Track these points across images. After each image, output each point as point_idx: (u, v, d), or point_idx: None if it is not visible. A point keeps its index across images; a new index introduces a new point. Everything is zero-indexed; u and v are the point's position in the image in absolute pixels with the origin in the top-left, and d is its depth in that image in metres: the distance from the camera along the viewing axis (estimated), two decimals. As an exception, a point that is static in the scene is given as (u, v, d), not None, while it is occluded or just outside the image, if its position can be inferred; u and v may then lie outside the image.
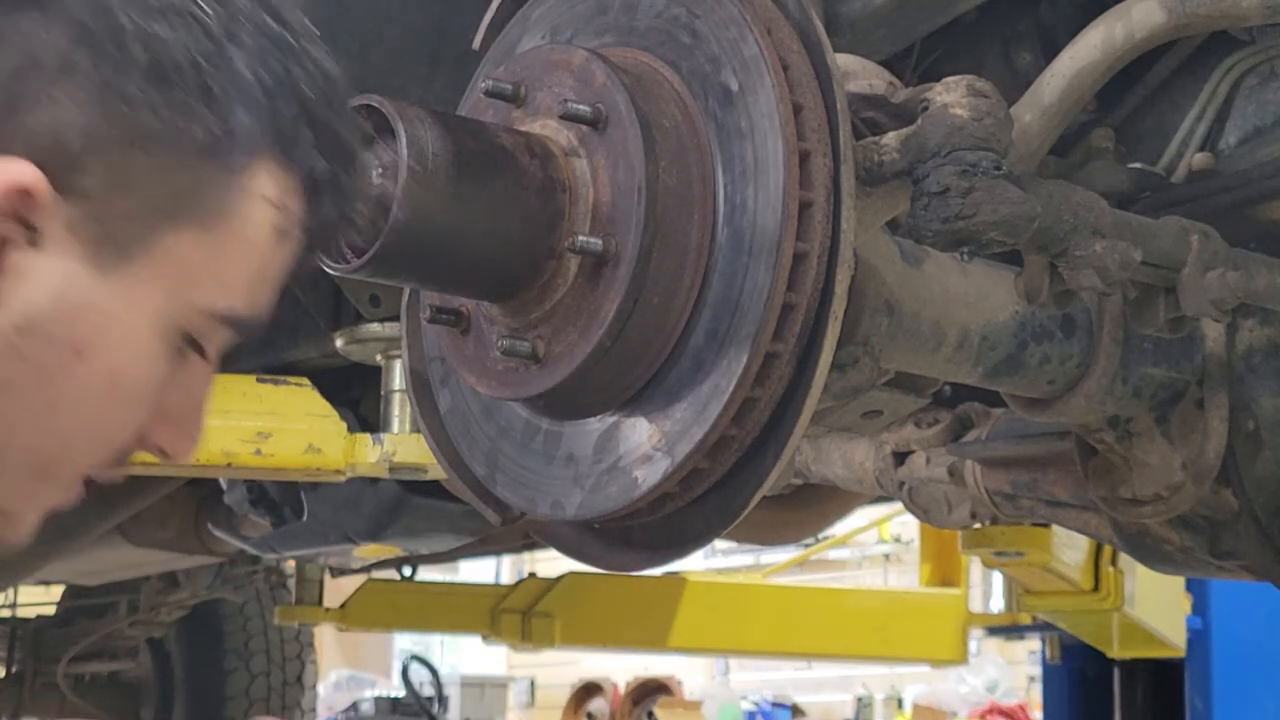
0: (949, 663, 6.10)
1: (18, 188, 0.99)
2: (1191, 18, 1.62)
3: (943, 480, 2.30)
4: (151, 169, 1.02)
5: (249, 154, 1.05)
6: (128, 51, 1.01)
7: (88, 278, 1.02)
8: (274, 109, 1.06)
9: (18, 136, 1.00)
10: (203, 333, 1.07)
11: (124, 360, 1.04)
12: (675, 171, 1.41)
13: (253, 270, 1.08)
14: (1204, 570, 2.01)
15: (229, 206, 1.05)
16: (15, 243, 1.01)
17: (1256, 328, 1.88)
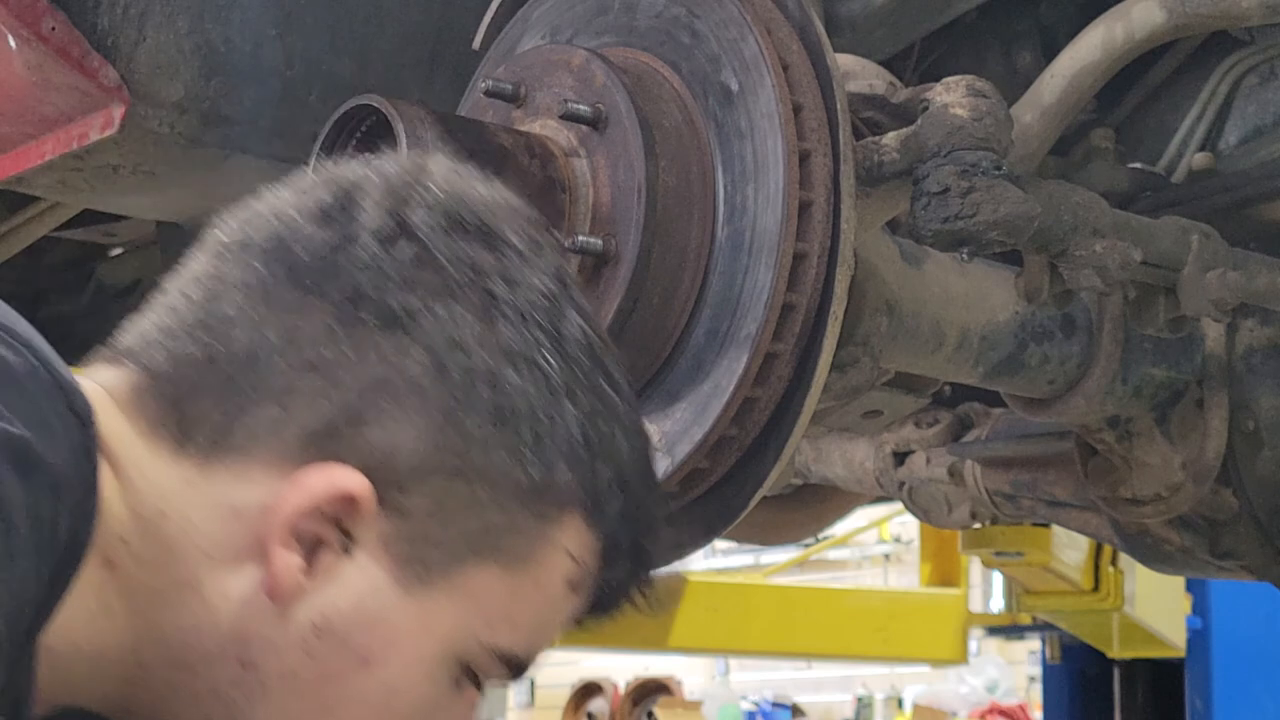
0: (949, 663, 6.11)
1: (346, 495, 1.03)
2: (1191, 18, 1.62)
3: (943, 480, 2.30)
4: (471, 502, 1.05)
5: (561, 507, 1.08)
6: (475, 389, 1.05)
7: (390, 593, 1.05)
8: (593, 470, 1.09)
9: (356, 447, 1.04)
10: (481, 667, 1.09)
11: (404, 679, 1.07)
12: (675, 171, 1.41)
13: (540, 616, 1.11)
14: (1204, 570, 2.01)
15: (533, 552, 1.08)
16: (331, 546, 1.04)
17: (1256, 328, 1.88)
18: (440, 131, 1.40)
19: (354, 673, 1.05)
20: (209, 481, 1.04)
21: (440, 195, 1.08)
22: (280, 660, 1.04)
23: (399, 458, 1.04)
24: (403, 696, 1.06)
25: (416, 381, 1.04)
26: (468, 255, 1.06)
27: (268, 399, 1.04)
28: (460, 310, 1.05)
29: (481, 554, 1.06)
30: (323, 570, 1.04)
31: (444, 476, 1.05)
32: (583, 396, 1.08)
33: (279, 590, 1.03)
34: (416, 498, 1.05)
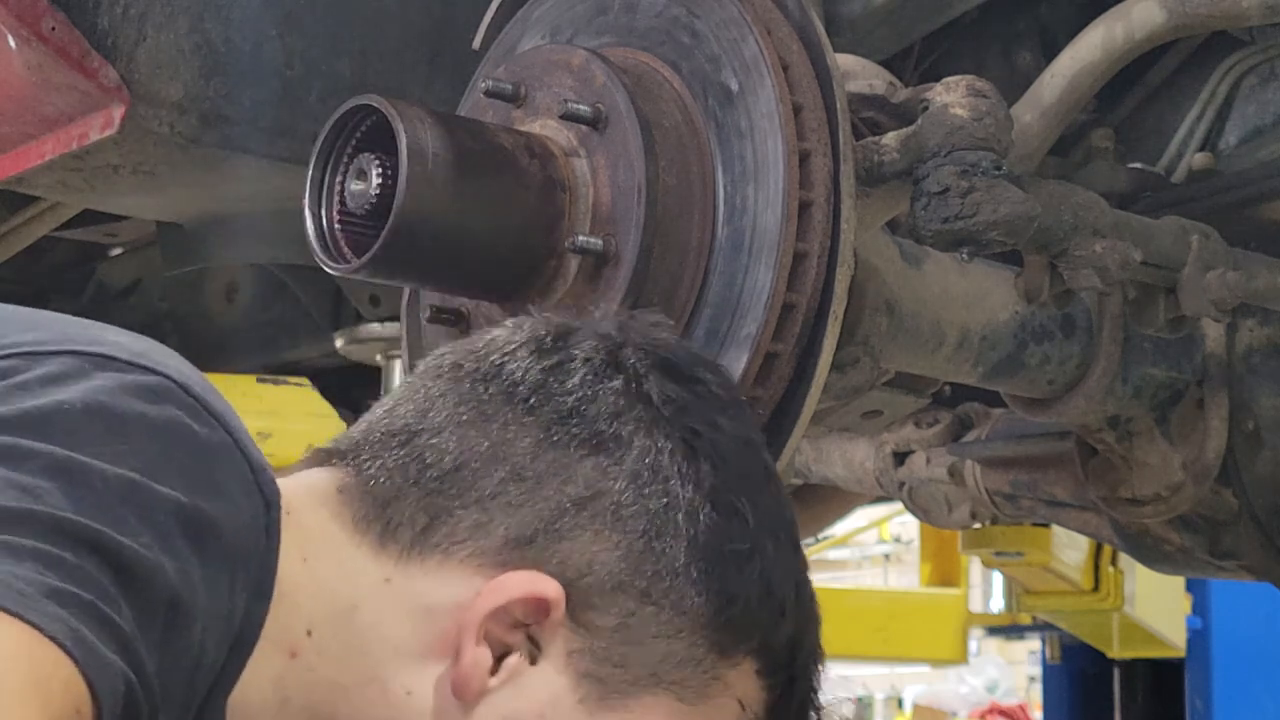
0: (949, 663, 6.11)
1: (540, 599, 1.05)
2: (1191, 18, 1.62)
3: (943, 480, 2.30)
4: (658, 628, 1.08)
5: (741, 651, 1.10)
6: (673, 519, 1.08)
7: (570, 707, 1.07)
8: (774, 621, 1.12)
9: (553, 558, 1.06)
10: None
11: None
12: (675, 171, 1.41)
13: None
14: (1204, 570, 2.01)
15: (708, 693, 1.10)
16: (519, 651, 1.06)
17: (1256, 328, 1.88)
18: (440, 131, 1.40)
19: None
20: (407, 579, 1.07)
21: (649, 340, 1.13)
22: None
23: (593, 574, 1.07)
24: None
25: (618, 504, 1.08)
26: (675, 394, 1.10)
27: (472, 505, 1.07)
28: (665, 443, 1.09)
29: (661, 683, 1.08)
30: (509, 674, 1.06)
31: (635, 599, 1.07)
32: (771, 549, 1.12)
33: (465, 687, 1.05)
34: (606, 615, 1.07)
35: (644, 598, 1.07)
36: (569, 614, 1.06)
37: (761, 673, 1.12)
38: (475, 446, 1.08)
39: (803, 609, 1.15)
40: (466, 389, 1.11)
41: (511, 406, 1.09)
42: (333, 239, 1.43)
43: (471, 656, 1.05)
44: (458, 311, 1.54)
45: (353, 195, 1.41)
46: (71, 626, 0.81)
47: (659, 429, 1.09)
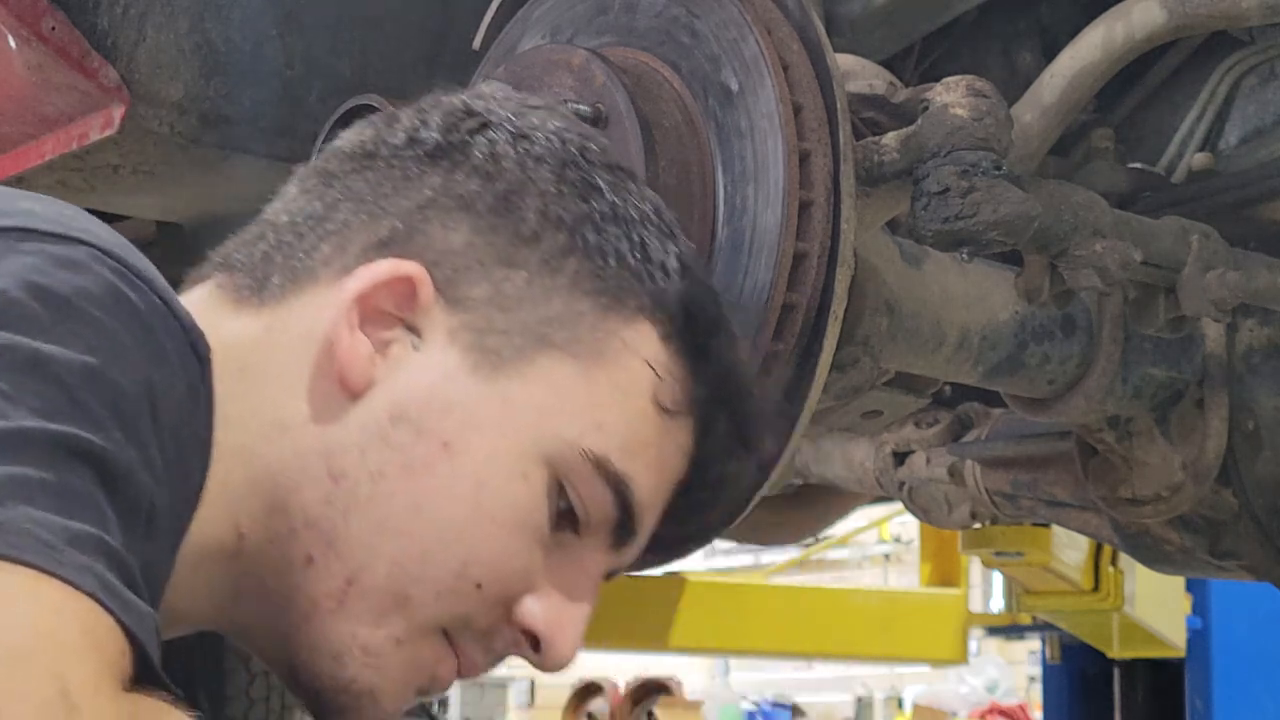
0: (949, 663, 6.11)
1: (401, 277, 1.06)
2: (1191, 18, 1.62)
3: (943, 480, 2.30)
4: (532, 291, 1.08)
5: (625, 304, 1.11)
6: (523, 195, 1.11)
7: (462, 379, 1.06)
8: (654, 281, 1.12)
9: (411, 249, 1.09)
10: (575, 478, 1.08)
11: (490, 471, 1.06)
12: (675, 171, 1.41)
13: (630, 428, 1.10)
14: (1204, 570, 2.01)
15: (603, 348, 1.09)
16: (397, 336, 1.07)
17: (1256, 328, 1.88)
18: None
19: (437, 460, 1.05)
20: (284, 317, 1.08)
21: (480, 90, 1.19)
22: (364, 460, 1.04)
23: (450, 251, 1.08)
24: (493, 491, 1.05)
25: (466, 193, 1.11)
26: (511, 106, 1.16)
27: (329, 238, 1.10)
28: (502, 135, 1.13)
29: (549, 343, 1.08)
30: (393, 360, 1.06)
31: (499, 266, 1.08)
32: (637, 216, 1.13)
33: (350, 377, 1.05)
34: (475, 287, 1.08)
35: (509, 263, 1.08)
36: (440, 294, 1.07)
37: (665, 338, 1.11)
38: (324, 198, 1.12)
39: (693, 279, 1.14)
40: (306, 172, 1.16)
41: (352, 162, 1.14)
42: (333, 239, 1.43)
43: (349, 344, 1.05)
44: (458, 311, 1.54)
45: (353, 195, 1.41)
46: (98, 575, 0.82)
47: (495, 129, 1.14)
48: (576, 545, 1.10)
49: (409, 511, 1.04)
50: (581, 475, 1.07)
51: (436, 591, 1.05)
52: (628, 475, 1.09)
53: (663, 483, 1.13)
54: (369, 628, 1.05)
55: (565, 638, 1.10)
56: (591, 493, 1.08)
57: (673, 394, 1.11)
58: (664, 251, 1.13)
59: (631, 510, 1.10)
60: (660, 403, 1.10)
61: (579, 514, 1.09)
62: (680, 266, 1.14)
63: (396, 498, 1.04)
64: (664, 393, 1.11)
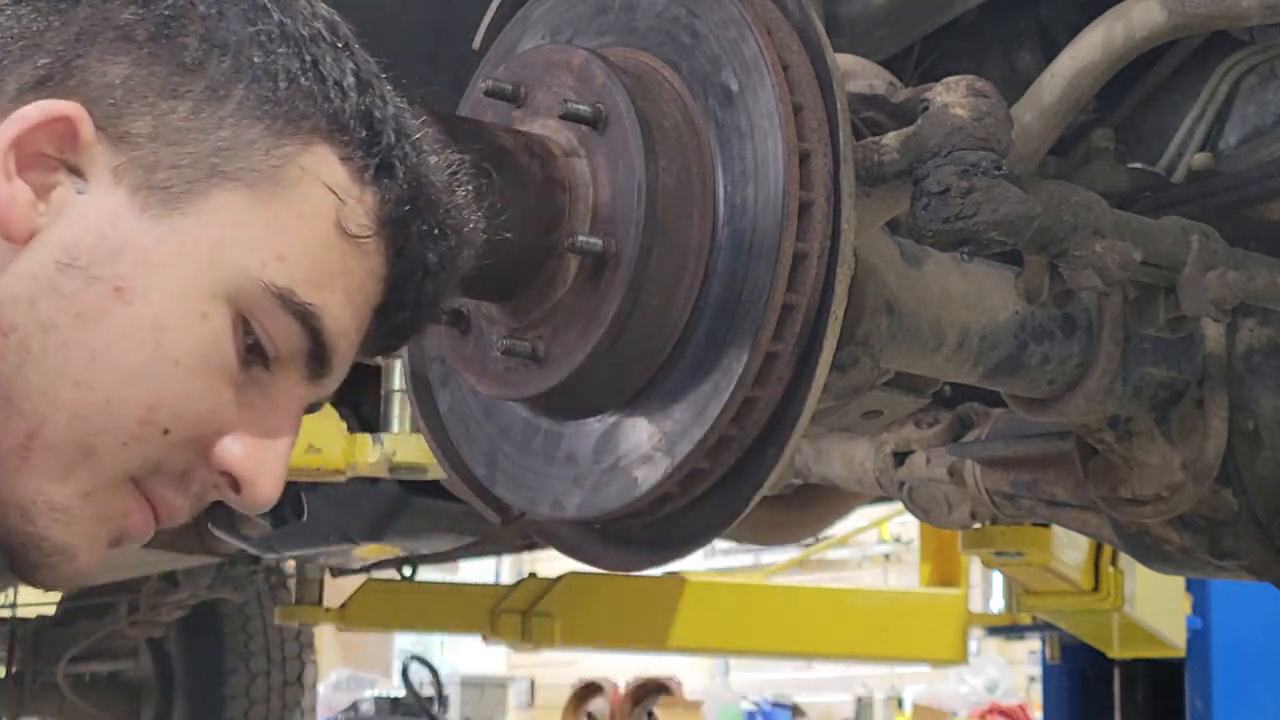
0: (949, 663, 6.10)
1: (58, 117, 1.02)
2: (1191, 18, 1.62)
3: (943, 480, 2.30)
4: (197, 121, 1.04)
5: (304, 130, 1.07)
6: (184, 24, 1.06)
7: (132, 220, 1.03)
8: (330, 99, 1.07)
9: (68, 88, 1.04)
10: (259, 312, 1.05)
11: (170, 312, 1.02)
12: (675, 171, 1.41)
13: (314, 257, 1.06)
14: (1204, 570, 2.01)
15: (282, 177, 1.06)
16: (60, 180, 1.03)
17: (1256, 328, 1.88)
18: (440, 131, 1.40)
19: (111, 306, 1.01)
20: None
21: None
22: (34, 310, 1.01)
23: (109, 86, 1.04)
24: (173, 332, 1.02)
25: (122, 24, 1.05)
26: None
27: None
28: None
29: (221, 174, 1.04)
30: (57, 205, 1.02)
31: (161, 98, 1.04)
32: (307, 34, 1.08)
33: (12, 225, 1.01)
34: (138, 122, 1.04)
35: (171, 94, 1.04)
36: (101, 132, 1.03)
37: (344, 157, 1.08)
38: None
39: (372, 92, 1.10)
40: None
41: None
42: (333, 239, 1.43)
43: (7, 193, 1.01)
44: (457, 311, 1.54)
45: (353, 195, 1.41)
46: None
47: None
48: (270, 381, 1.07)
49: (86, 360, 1.01)
50: (265, 309, 1.05)
51: (122, 440, 1.03)
52: (315, 305, 1.06)
53: (356, 309, 1.10)
54: (55, 483, 1.03)
55: (265, 476, 1.07)
56: (277, 326, 1.06)
57: (357, 218, 1.08)
58: (339, 69, 1.09)
59: (323, 341, 1.08)
60: (345, 228, 1.07)
61: (267, 348, 1.06)
62: (357, 82, 1.10)
63: (71, 347, 1.01)
64: (348, 217, 1.07)
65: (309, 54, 1.08)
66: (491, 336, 1.50)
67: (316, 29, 1.10)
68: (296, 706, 6.11)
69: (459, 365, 1.55)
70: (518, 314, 1.47)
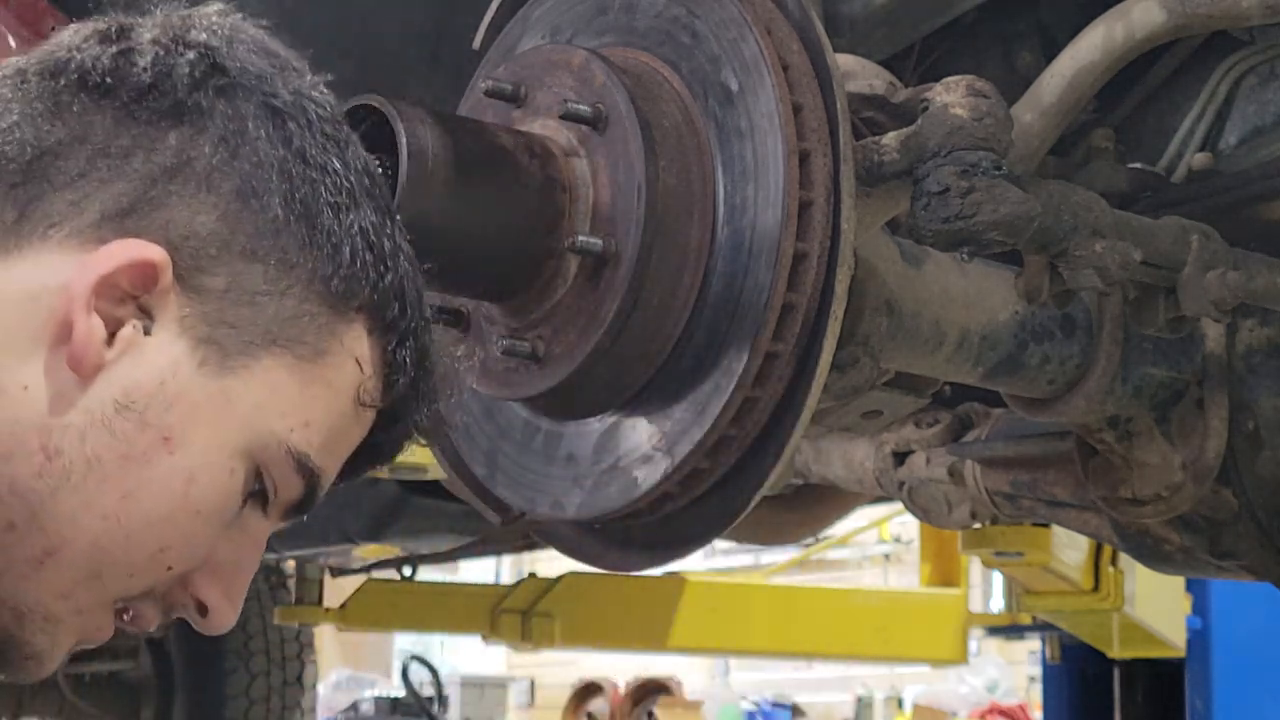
0: (949, 663, 6.10)
1: (145, 262, 1.04)
2: (1191, 18, 1.62)
3: (943, 480, 2.30)
4: (267, 287, 1.07)
5: (352, 308, 1.11)
6: (267, 177, 1.08)
7: (190, 372, 1.06)
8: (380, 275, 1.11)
9: (153, 226, 1.06)
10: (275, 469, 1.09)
11: (203, 465, 1.06)
12: (675, 171, 1.41)
13: (332, 424, 1.11)
14: (1204, 570, 2.01)
15: (325, 350, 1.10)
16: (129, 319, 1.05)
17: (1256, 328, 1.88)
18: (440, 131, 1.40)
19: (156, 454, 1.05)
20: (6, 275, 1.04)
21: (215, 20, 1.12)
22: (83, 443, 1.04)
23: (195, 236, 1.06)
24: (202, 486, 1.06)
25: (209, 167, 1.07)
26: (252, 64, 1.11)
27: (62, 188, 1.06)
28: (248, 107, 1.09)
29: (278, 342, 1.08)
30: (124, 344, 1.04)
31: (240, 258, 1.07)
32: (369, 208, 1.11)
33: (81, 361, 1.03)
34: (214, 277, 1.06)
35: (249, 256, 1.07)
36: (177, 279, 1.05)
37: (373, 330, 1.12)
38: (55, 134, 1.07)
39: (400, 265, 1.14)
40: (34, 86, 1.09)
41: (86, 92, 1.08)
42: (333, 239, 1.42)
43: (85, 328, 1.03)
44: (458, 311, 1.54)
45: (353, 195, 1.41)
46: None
47: (240, 95, 1.09)
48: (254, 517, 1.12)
49: (117, 498, 1.05)
50: (281, 468, 1.09)
51: (129, 572, 1.07)
52: (323, 469, 1.11)
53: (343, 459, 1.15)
54: (56, 598, 1.06)
55: (232, 607, 1.13)
56: (286, 482, 1.10)
57: (372, 390, 1.13)
58: (383, 234, 1.12)
59: (315, 496, 1.13)
60: (362, 399, 1.12)
61: (269, 498, 1.11)
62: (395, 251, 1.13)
63: (109, 483, 1.04)
64: (366, 390, 1.12)
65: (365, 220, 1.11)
66: (491, 336, 1.50)
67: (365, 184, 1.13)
68: (296, 706, 6.10)
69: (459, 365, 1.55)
70: (518, 314, 1.47)
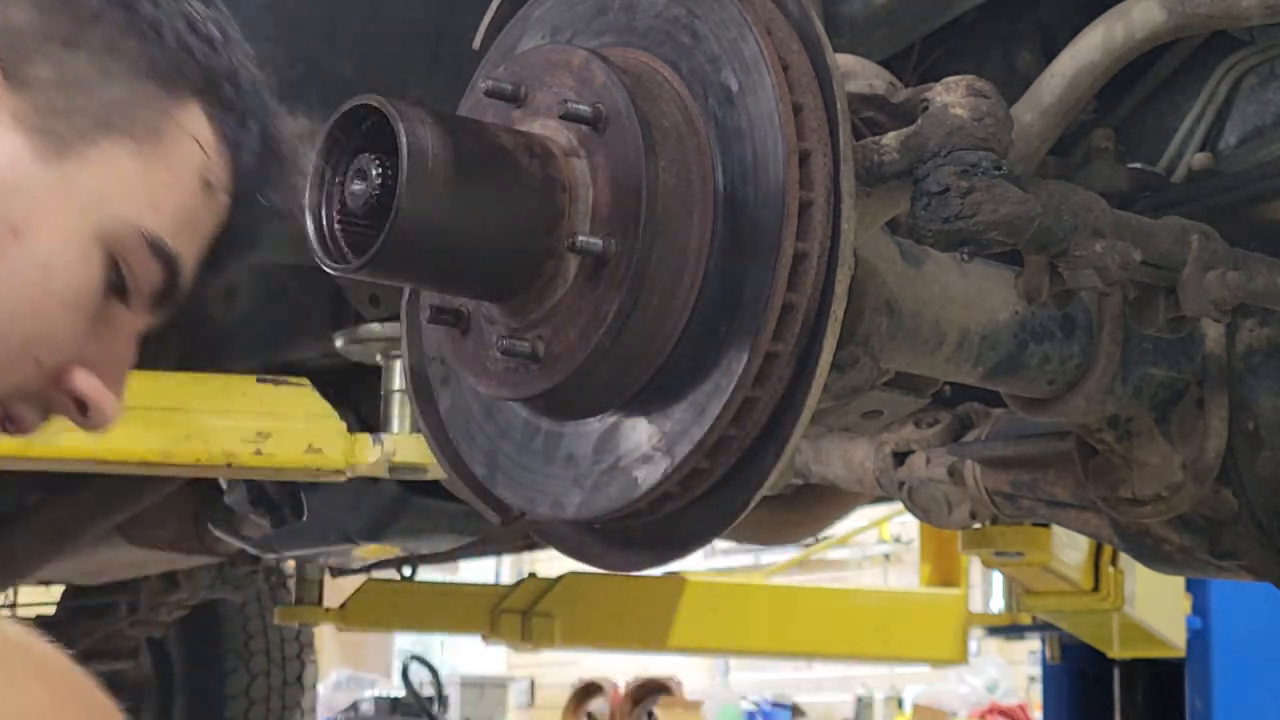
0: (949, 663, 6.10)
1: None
2: (1191, 18, 1.62)
3: (943, 480, 2.30)
4: (95, 75, 1.09)
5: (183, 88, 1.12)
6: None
7: (29, 163, 1.07)
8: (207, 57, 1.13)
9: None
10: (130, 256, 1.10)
11: (57, 254, 1.07)
12: (675, 171, 1.41)
13: (180, 206, 1.12)
14: (1204, 570, 2.01)
15: (162, 131, 1.11)
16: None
17: (1256, 328, 1.88)
18: (440, 131, 1.40)
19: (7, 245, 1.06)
20: None
21: None
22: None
23: (11, 31, 1.08)
24: (59, 275, 1.08)
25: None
26: None
27: None
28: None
29: (113, 128, 1.10)
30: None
31: (61, 46, 1.09)
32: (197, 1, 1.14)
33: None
34: (38, 68, 1.08)
35: (71, 45, 1.09)
36: (3, 75, 1.07)
37: (209, 113, 1.14)
38: None
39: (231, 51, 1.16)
40: None
41: None
42: (333, 239, 1.43)
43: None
44: (458, 311, 1.54)
45: (353, 195, 1.41)
46: None
47: None
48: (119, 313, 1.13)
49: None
50: (136, 253, 1.11)
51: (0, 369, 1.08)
52: (178, 253, 1.13)
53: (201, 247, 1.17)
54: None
55: (111, 401, 1.14)
56: (144, 269, 1.12)
57: (217, 172, 1.14)
58: (208, 23, 1.15)
59: (177, 283, 1.14)
60: (207, 180, 1.14)
61: (129, 287, 1.12)
62: (225, 39, 1.16)
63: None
64: (211, 171, 1.14)
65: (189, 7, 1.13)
66: (491, 336, 1.50)
67: None
68: (296, 706, 6.10)
69: (459, 365, 1.55)
70: (518, 314, 1.47)
